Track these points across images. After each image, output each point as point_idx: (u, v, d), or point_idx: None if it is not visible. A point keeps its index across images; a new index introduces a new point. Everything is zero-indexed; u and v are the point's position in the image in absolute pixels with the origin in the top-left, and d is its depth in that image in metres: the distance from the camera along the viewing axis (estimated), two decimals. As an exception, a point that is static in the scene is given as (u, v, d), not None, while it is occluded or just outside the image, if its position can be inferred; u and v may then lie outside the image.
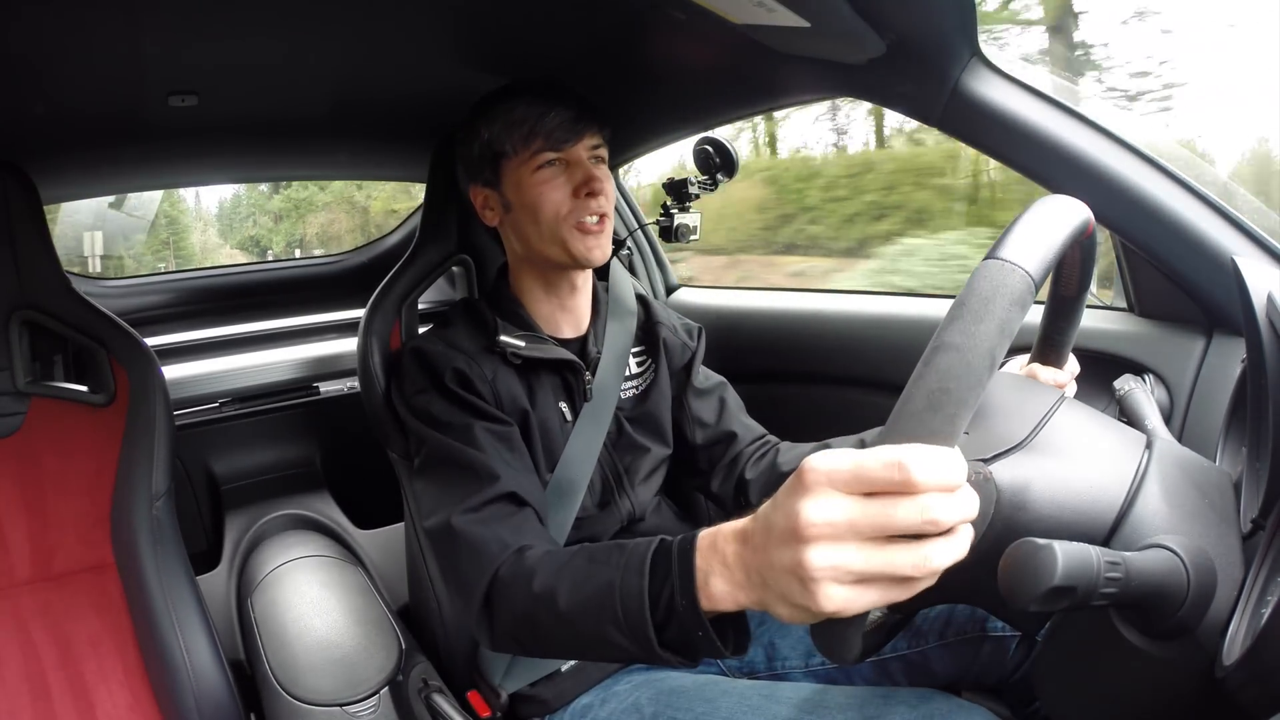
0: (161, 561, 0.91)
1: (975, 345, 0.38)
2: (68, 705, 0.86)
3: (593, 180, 0.84)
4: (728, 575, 0.48)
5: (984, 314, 0.39)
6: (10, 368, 0.92)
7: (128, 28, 0.73)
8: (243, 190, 6.06)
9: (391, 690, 0.98)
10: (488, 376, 0.84)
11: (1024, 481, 0.46)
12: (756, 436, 0.99)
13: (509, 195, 0.87)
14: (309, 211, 5.91)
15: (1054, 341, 0.64)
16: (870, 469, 0.38)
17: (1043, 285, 0.42)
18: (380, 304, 1.04)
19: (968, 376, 0.38)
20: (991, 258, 0.41)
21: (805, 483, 0.40)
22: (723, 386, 1.03)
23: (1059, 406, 0.52)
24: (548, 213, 0.85)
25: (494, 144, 0.86)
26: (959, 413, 0.38)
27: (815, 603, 0.40)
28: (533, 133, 0.84)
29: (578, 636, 0.61)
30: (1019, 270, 0.40)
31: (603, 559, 0.60)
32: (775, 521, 0.42)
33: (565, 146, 0.84)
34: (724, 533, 0.49)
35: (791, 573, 0.40)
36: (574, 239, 0.85)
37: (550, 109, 0.84)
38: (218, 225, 5.97)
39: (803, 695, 0.72)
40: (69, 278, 0.95)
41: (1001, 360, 0.40)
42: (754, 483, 0.94)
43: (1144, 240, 0.76)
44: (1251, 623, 0.40)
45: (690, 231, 1.12)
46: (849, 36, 0.69)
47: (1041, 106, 0.74)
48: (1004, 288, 0.40)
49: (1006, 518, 0.46)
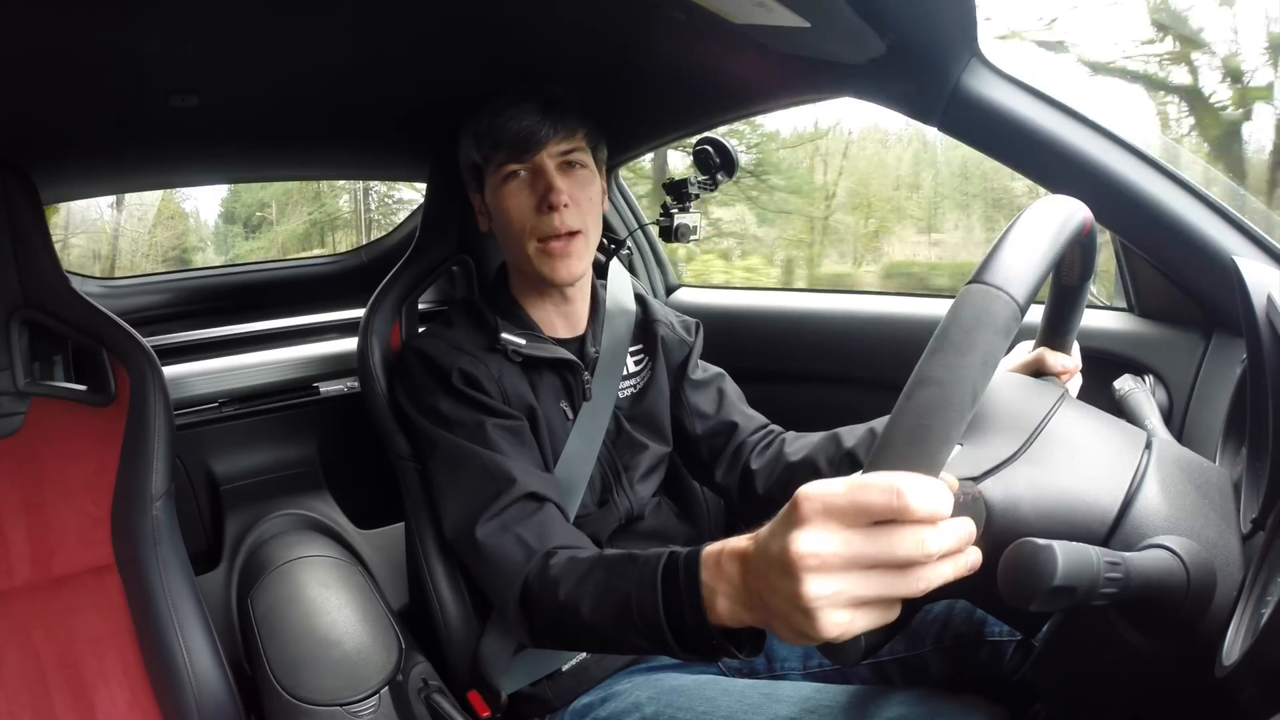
0: (161, 562, 0.91)
1: (957, 380, 0.38)
2: (67, 705, 0.86)
3: (551, 192, 0.80)
4: (732, 595, 0.49)
5: (966, 346, 0.39)
6: (10, 367, 0.92)
7: (128, 27, 0.73)
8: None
9: (392, 690, 0.98)
10: (494, 375, 0.84)
11: (1014, 499, 0.47)
12: (759, 426, 0.98)
13: (489, 205, 0.87)
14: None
15: (1058, 329, 0.64)
16: (866, 498, 0.38)
17: (1029, 306, 0.41)
18: (380, 304, 1.03)
19: (948, 413, 0.38)
20: (976, 282, 0.40)
21: (800, 514, 0.40)
22: (720, 378, 1.02)
23: (1059, 406, 0.52)
24: (514, 227, 0.83)
25: (470, 154, 0.86)
26: (940, 449, 0.38)
27: (816, 630, 0.40)
28: (496, 143, 0.82)
29: (605, 640, 0.65)
30: (1003, 296, 0.40)
31: (619, 571, 0.62)
32: (772, 550, 0.42)
33: (526, 156, 0.81)
34: (727, 551, 0.50)
35: (789, 601, 0.41)
36: (537, 257, 0.83)
37: (514, 117, 0.80)
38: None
39: (803, 694, 0.72)
40: (69, 277, 0.95)
41: (984, 391, 0.39)
42: (759, 473, 0.93)
43: (1144, 240, 0.76)
44: (1251, 623, 0.40)
45: (690, 231, 1.12)
46: (849, 36, 0.69)
47: (1041, 106, 0.74)
48: (987, 316, 0.39)
49: (999, 530, 0.46)
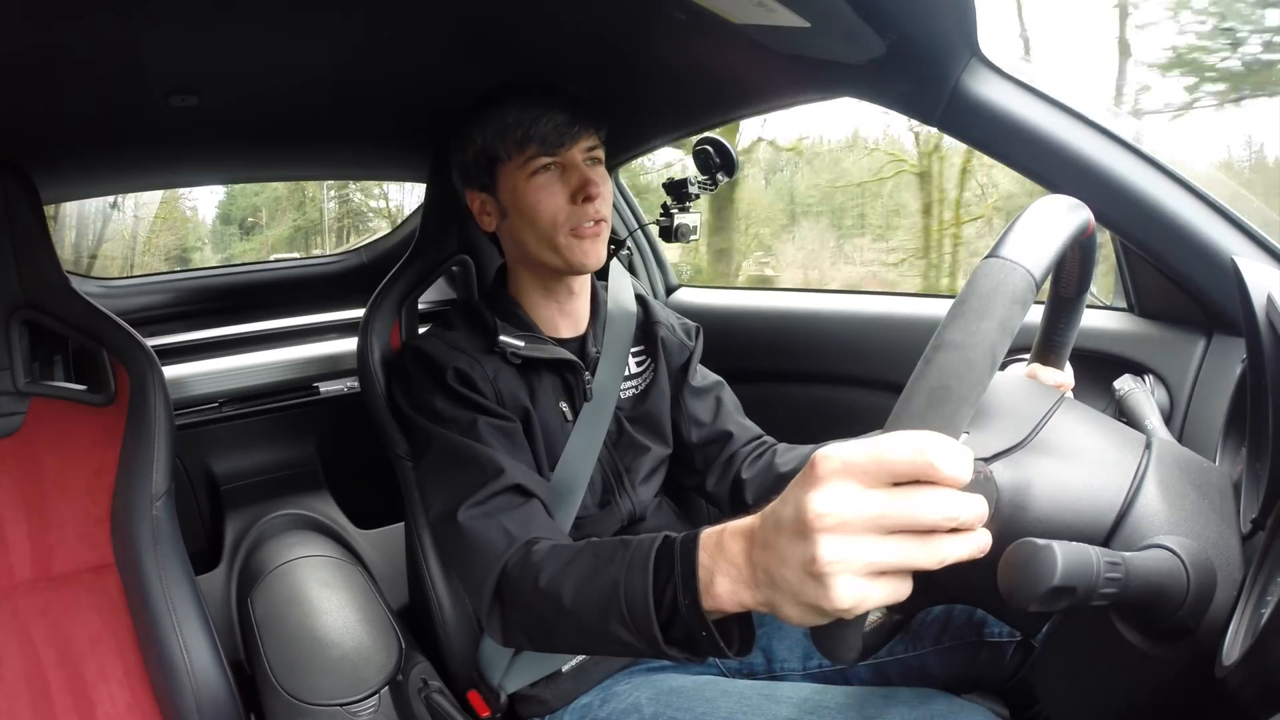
0: (161, 561, 0.91)
1: (977, 343, 0.38)
2: (67, 705, 0.86)
3: (589, 184, 0.83)
4: (734, 574, 0.47)
5: (985, 312, 0.39)
6: (10, 367, 0.92)
7: (128, 27, 0.73)
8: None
9: (391, 690, 0.98)
10: (489, 376, 0.84)
11: (1025, 481, 0.46)
12: (752, 437, 0.99)
13: (505, 200, 0.87)
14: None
15: (1053, 343, 0.64)
16: (892, 454, 0.37)
17: (1044, 283, 0.42)
18: (380, 304, 1.03)
19: (969, 374, 0.38)
20: (993, 256, 0.41)
21: (818, 473, 0.39)
22: (720, 386, 1.03)
23: (1059, 406, 0.52)
24: (544, 219, 0.84)
25: (488, 149, 0.85)
26: (960, 410, 0.38)
27: (828, 598, 0.38)
28: (527, 137, 0.82)
29: (585, 633, 0.60)
30: (1020, 269, 0.40)
31: (607, 555, 0.60)
32: (784, 515, 0.41)
33: (560, 150, 0.83)
34: (729, 530, 0.48)
35: (802, 567, 0.39)
36: (570, 245, 0.84)
37: (544, 112, 0.82)
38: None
39: (802, 695, 0.72)
40: (69, 277, 0.95)
41: (1003, 358, 0.40)
42: (750, 482, 0.94)
43: (1144, 240, 0.76)
44: (1251, 623, 0.39)
45: (690, 232, 1.12)
46: (849, 36, 0.69)
47: (1041, 106, 0.74)
48: (1005, 286, 0.40)
49: (1007, 518, 0.45)
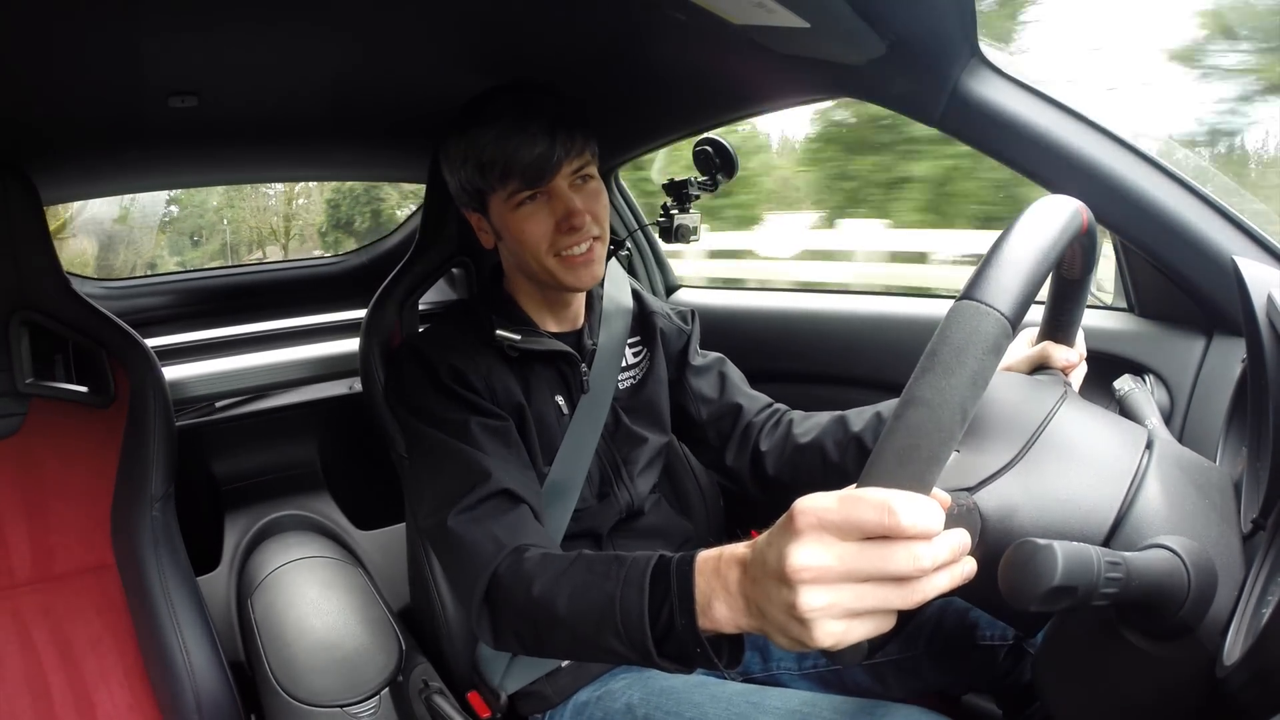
0: (162, 562, 0.91)
1: (945, 401, 0.39)
2: (68, 706, 0.86)
3: (573, 215, 0.81)
4: (730, 601, 0.49)
5: (955, 366, 0.39)
6: (10, 368, 0.92)
7: (127, 28, 0.73)
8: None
9: (392, 691, 0.98)
10: (482, 372, 0.84)
11: (1010, 509, 0.47)
12: (764, 405, 0.98)
13: (496, 225, 0.87)
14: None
15: (1061, 321, 0.63)
16: (859, 514, 0.39)
17: (1022, 320, 0.41)
18: (381, 305, 1.04)
19: (937, 434, 0.39)
20: (966, 298, 0.40)
21: (796, 526, 0.41)
22: (722, 362, 1.03)
23: (1059, 407, 0.52)
24: (531, 246, 0.83)
25: (474, 181, 0.84)
26: (930, 468, 0.39)
27: (811, 639, 0.42)
28: (508, 172, 0.80)
29: (578, 641, 0.62)
30: (994, 314, 0.40)
31: (602, 571, 0.61)
32: (769, 560, 0.43)
33: (541, 183, 0.81)
34: (726, 557, 0.50)
35: (786, 611, 0.42)
36: (560, 269, 0.84)
37: (523, 143, 0.79)
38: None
39: (790, 705, 0.72)
40: (69, 278, 0.95)
41: (973, 409, 0.40)
42: (769, 454, 0.93)
43: (1144, 240, 0.76)
44: (1252, 623, 0.40)
45: (690, 232, 1.12)
46: (849, 37, 0.69)
47: (1041, 106, 0.74)
48: (977, 335, 0.39)
49: (994, 543, 0.46)
